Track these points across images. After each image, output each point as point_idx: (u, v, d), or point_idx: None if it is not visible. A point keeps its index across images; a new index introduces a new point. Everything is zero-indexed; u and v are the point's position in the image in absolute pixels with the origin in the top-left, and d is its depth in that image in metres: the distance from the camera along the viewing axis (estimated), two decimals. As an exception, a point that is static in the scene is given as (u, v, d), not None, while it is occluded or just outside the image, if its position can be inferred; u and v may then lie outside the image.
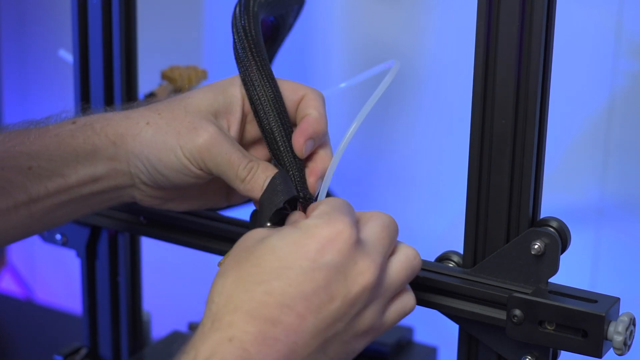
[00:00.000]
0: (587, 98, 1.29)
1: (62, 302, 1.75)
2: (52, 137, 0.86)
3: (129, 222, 1.02)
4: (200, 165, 0.84)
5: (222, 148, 0.83)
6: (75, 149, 0.85)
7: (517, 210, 0.83)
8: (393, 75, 0.88)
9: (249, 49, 0.86)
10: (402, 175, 1.42)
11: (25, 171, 0.85)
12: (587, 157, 1.31)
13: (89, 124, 0.86)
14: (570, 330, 0.80)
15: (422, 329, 1.27)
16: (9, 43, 1.76)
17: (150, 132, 0.85)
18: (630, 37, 1.25)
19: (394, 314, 0.78)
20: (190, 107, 0.85)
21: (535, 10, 0.79)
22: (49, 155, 0.85)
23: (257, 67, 0.85)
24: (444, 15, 1.36)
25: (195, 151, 0.83)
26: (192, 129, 0.84)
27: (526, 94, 0.81)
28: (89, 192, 0.87)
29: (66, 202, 0.87)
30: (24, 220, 0.86)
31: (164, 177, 0.85)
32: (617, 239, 1.31)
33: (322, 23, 1.43)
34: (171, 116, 0.85)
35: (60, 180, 0.85)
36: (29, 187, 0.85)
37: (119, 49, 1.03)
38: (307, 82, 0.88)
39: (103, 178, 0.86)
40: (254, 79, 0.85)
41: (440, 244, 0.93)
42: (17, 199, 0.85)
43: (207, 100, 0.86)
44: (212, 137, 0.83)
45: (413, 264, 0.79)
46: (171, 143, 0.84)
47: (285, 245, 0.74)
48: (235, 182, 0.84)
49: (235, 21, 0.87)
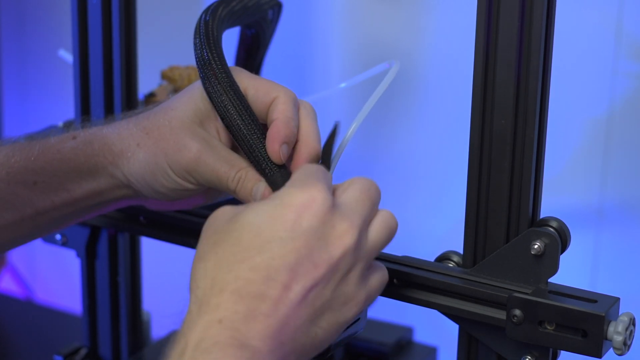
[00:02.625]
0: (587, 99, 1.29)
1: (62, 302, 1.75)
2: (54, 153, 0.87)
3: (129, 222, 1.02)
4: (192, 181, 0.85)
5: (207, 165, 0.84)
6: (77, 166, 0.87)
7: (517, 210, 0.83)
8: (393, 75, 0.87)
9: (210, 54, 0.84)
10: (402, 175, 1.42)
11: (31, 186, 0.86)
12: (587, 158, 1.31)
13: (88, 142, 0.87)
14: (570, 330, 0.80)
15: (422, 329, 1.27)
16: (9, 43, 1.76)
17: (141, 155, 0.85)
18: (630, 38, 1.25)
19: (376, 283, 0.77)
20: (175, 121, 0.85)
21: (535, 10, 0.79)
22: (52, 172, 0.87)
23: (216, 77, 0.83)
24: (444, 15, 1.36)
25: (183, 170, 0.84)
26: (177, 150, 0.84)
27: (526, 94, 0.81)
28: (94, 203, 0.89)
29: (71, 213, 0.89)
30: (30, 231, 0.89)
31: (163, 194, 0.86)
32: (617, 239, 1.31)
33: (322, 23, 1.43)
34: (158, 135, 0.85)
35: (66, 194, 0.87)
36: (35, 201, 0.87)
37: (119, 49, 1.03)
38: (307, 82, 0.88)
39: (107, 191, 0.88)
40: (213, 91, 0.83)
41: (440, 244, 0.93)
42: (23, 213, 0.87)
43: (190, 110, 0.85)
44: (195, 156, 0.84)
45: (390, 225, 0.78)
46: (162, 165, 0.85)
47: (262, 219, 0.73)
48: (228, 192, 0.85)
49: (199, 23, 0.86)
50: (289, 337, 0.71)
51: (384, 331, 1.21)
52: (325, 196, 0.74)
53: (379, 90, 0.86)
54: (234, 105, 0.83)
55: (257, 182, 0.83)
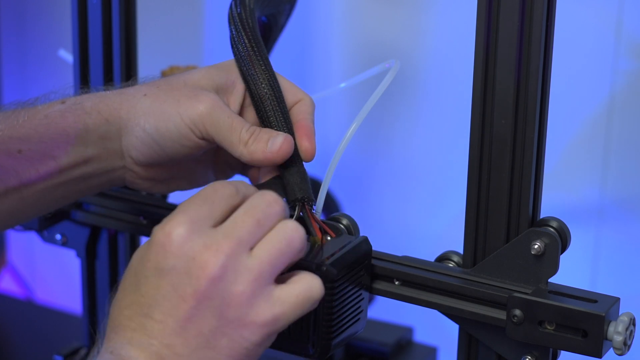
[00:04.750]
0: (587, 98, 1.29)
1: (62, 302, 1.75)
2: (41, 118, 0.85)
3: (129, 222, 1.02)
4: (201, 132, 0.84)
5: (223, 113, 0.83)
6: (65, 129, 0.85)
7: (517, 210, 0.83)
8: (393, 75, 0.87)
9: (249, 44, 0.86)
10: (402, 175, 1.42)
11: (15, 155, 0.84)
12: (586, 157, 1.31)
13: (79, 103, 0.85)
14: (570, 330, 0.80)
15: (422, 329, 1.27)
16: (9, 43, 1.76)
17: (147, 102, 0.84)
18: (630, 37, 1.25)
19: (290, 297, 0.74)
20: (190, 80, 0.85)
21: (535, 10, 0.79)
22: (39, 137, 0.84)
23: (259, 63, 0.85)
24: (444, 15, 1.36)
25: (196, 117, 0.83)
26: (193, 96, 0.83)
27: (526, 94, 0.81)
28: (80, 175, 0.86)
29: (57, 186, 0.86)
30: (15, 205, 0.86)
31: (160, 147, 0.85)
32: (617, 238, 1.31)
33: (322, 23, 1.43)
34: (169, 87, 0.85)
35: (51, 162, 0.85)
36: (19, 171, 0.84)
37: (119, 49, 1.03)
38: (307, 82, 0.88)
39: (94, 159, 0.86)
40: (256, 77, 0.85)
41: (440, 244, 0.93)
42: (7, 184, 0.84)
43: (208, 77, 0.86)
44: (213, 103, 0.83)
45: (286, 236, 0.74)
46: (170, 111, 0.83)
47: (137, 258, 0.74)
48: (237, 146, 0.83)
49: (232, 15, 0.87)
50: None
51: (384, 331, 1.21)
52: (181, 231, 0.72)
53: (379, 90, 0.86)
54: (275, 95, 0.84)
55: (274, 135, 0.82)
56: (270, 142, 0.82)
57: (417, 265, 0.86)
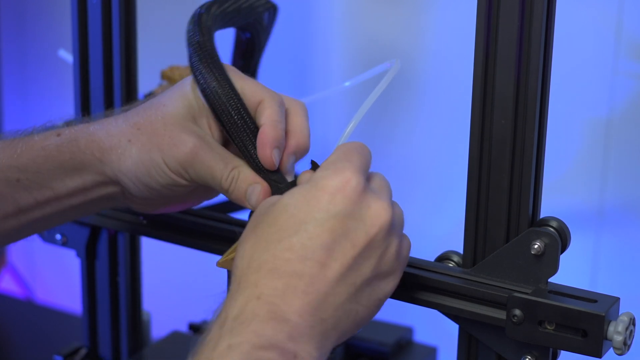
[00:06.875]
0: (587, 99, 1.29)
1: (62, 302, 1.76)
2: (38, 150, 0.86)
3: (129, 222, 1.02)
4: (186, 178, 0.85)
5: (203, 162, 0.84)
6: (62, 164, 0.86)
7: (517, 210, 0.83)
8: (393, 74, 0.87)
9: (204, 61, 0.84)
10: (402, 175, 1.42)
11: (14, 183, 0.85)
12: (587, 158, 1.31)
13: (73, 140, 0.86)
14: (570, 330, 0.80)
15: (422, 329, 1.27)
16: (9, 43, 1.76)
17: (134, 151, 0.85)
18: (630, 38, 1.25)
19: (407, 253, 0.80)
20: (168, 117, 0.85)
21: (535, 10, 0.79)
22: (36, 169, 0.86)
23: (215, 78, 0.83)
24: (444, 15, 1.36)
25: (179, 166, 0.84)
26: (173, 145, 0.84)
27: (526, 95, 0.81)
28: (79, 202, 0.87)
29: (56, 213, 0.88)
30: (13, 229, 0.87)
31: (155, 190, 0.86)
32: (617, 239, 1.31)
33: (322, 23, 1.43)
34: (151, 130, 0.85)
35: (49, 192, 0.86)
36: (17, 199, 0.86)
37: (119, 49, 1.03)
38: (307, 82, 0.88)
39: (92, 188, 0.87)
40: (213, 90, 0.83)
41: (440, 244, 0.93)
42: (6, 211, 0.86)
43: (182, 107, 0.85)
44: (192, 151, 0.84)
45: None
46: (157, 160, 0.84)
47: (297, 201, 0.75)
48: (221, 192, 0.85)
49: (189, 37, 0.86)
50: (329, 314, 0.73)
51: (384, 331, 1.21)
52: (359, 179, 0.75)
53: (378, 89, 0.86)
54: (225, 94, 0.83)
55: (252, 184, 0.83)
56: (249, 193, 0.83)
57: (417, 265, 0.87)
